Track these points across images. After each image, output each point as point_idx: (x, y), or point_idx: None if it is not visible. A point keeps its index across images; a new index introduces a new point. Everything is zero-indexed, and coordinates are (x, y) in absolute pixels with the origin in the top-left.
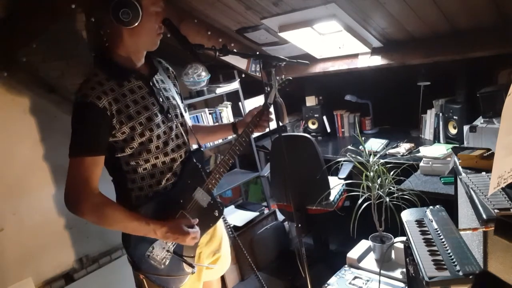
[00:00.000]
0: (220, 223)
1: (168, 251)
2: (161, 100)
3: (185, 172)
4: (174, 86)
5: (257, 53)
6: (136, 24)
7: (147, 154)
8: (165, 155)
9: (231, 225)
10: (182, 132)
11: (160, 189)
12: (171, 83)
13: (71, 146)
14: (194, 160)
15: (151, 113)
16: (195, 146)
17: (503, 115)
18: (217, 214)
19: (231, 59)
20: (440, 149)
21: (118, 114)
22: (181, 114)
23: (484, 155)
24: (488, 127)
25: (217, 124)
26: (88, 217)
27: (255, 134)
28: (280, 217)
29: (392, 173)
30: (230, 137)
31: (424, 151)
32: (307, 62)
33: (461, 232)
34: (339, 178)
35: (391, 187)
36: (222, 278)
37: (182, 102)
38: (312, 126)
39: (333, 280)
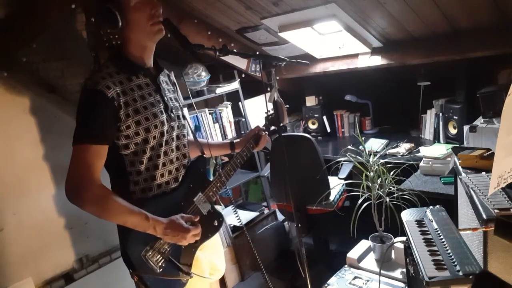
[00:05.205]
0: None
1: (164, 253)
2: (166, 99)
3: (188, 176)
4: (175, 92)
5: (257, 53)
6: (120, 24)
7: (150, 151)
8: (165, 155)
9: (231, 225)
10: (183, 134)
11: (161, 192)
12: (172, 89)
13: (76, 133)
14: (198, 166)
15: (157, 110)
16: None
17: (503, 115)
18: (216, 224)
19: (231, 59)
20: (440, 149)
21: (125, 106)
22: (183, 116)
23: (484, 155)
24: (488, 127)
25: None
26: (89, 208)
27: None
28: (280, 217)
29: (392, 173)
30: None
31: (424, 151)
32: (307, 62)
33: (461, 232)
34: (339, 178)
35: (391, 187)
36: (222, 278)
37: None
38: (312, 126)
39: (333, 280)
